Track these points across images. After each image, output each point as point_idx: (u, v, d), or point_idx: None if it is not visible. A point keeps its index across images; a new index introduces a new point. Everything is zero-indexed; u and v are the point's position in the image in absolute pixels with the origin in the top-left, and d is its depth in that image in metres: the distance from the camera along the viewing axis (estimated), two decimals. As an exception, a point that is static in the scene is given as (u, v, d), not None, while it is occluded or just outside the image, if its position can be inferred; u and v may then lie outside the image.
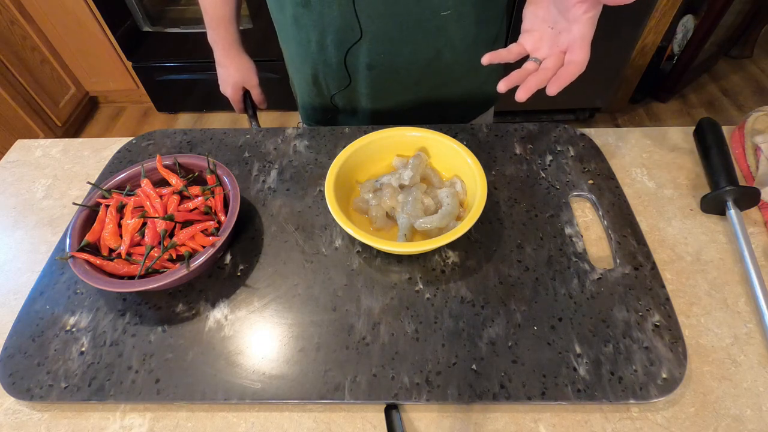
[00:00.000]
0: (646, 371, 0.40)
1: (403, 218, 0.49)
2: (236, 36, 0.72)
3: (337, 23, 0.58)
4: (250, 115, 0.78)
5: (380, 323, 0.44)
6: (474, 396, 0.39)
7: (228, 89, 0.76)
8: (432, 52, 0.61)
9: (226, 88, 0.76)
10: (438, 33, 0.59)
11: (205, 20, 0.70)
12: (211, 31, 0.71)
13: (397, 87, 0.65)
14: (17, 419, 0.41)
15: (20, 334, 0.45)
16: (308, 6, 0.58)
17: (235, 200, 0.48)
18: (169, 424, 0.40)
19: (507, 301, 0.45)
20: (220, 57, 0.73)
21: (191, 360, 0.43)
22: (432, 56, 0.62)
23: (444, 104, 0.69)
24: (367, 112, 0.70)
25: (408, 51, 0.61)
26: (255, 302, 0.47)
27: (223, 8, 0.68)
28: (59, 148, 0.66)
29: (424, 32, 0.59)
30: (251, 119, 0.78)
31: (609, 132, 0.63)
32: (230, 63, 0.73)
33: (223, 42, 0.72)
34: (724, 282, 0.47)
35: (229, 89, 0.76)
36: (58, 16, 1.71)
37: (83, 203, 0.49)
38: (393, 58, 0.61)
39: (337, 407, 0.41)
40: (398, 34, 0.58)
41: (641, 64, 1.71)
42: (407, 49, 0.60)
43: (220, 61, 0.74)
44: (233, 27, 0.71)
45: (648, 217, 0.53)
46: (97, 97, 2.13)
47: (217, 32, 0.71)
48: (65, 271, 0.50)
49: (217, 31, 0.71)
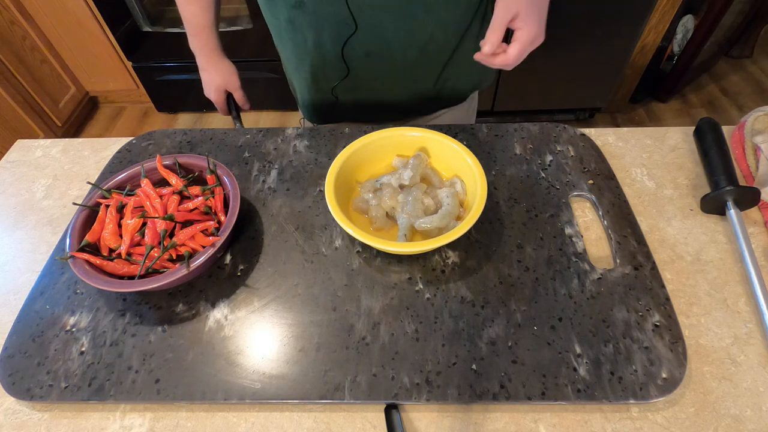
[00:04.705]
0: (646, 371, 0.40)
1: (403, 218, 0.49)
2: (216, 42, 0.74)
3: (333, 20, 0.59)
4: (234, 116, 0.80)
5: (380, 323, 0.44)
6: (474, 396, 0.39)
7: (212, 93, 0.78)
8: (425, 35, 0.62)
9: (210, 92, 0.78)
10: (427, 15, 0.60)
11: (186, 29, 0.73)
12: (193, 38, 0.73)
13: (395, 71, 0.67)
14: (17, 419, 0.41)
15: (20, 334, 0.45)
16: (302, 7, 0.59)
17: (235, 200, 0.48)
18: (169, 424, 0.40)
19: (507, 301, 0.45)
20: (203, 62, 0.75)
21: (191, 360, 0.43)
22: (426, 39, 0.63)
23: (442, 84, 0.70)
24: (368, 100, 0.71)
25: (402, 36, 0.62)
26: (255, 302, 0.47)
27: (203, 17, 0.71)
28: (59, 148, 0.66)
29: (414, 17, 0.60)
30: (235, 120, 0.80)
31: (609, 132, 0.63)
32: (212, 68, 0.76)
33: (205, 48, 0.74)
34: (724, 282, 0.47)
35: (213, 93, 0.78)
36: (58, 16, 1.71)
37: (83, 203, 0.49)
38: (389, 44, 0.63)
39: (337, 407, 0.41)
40: (391, 22, 0.60)
41: (641, 64, 1.71)
42: (401, 34, 0.62)
43: (202, 67, 0.76)
44: (213, 33, 0.73)
45: (648, 217, 0.53)
46: (97, 97, 2.13)
47: (199, 39, 0.73)
48: (65, 271, 0.50)
49: (199, 38, 0.73)
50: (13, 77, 1.66)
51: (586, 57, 1.59)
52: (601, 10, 1.45)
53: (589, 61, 1.61)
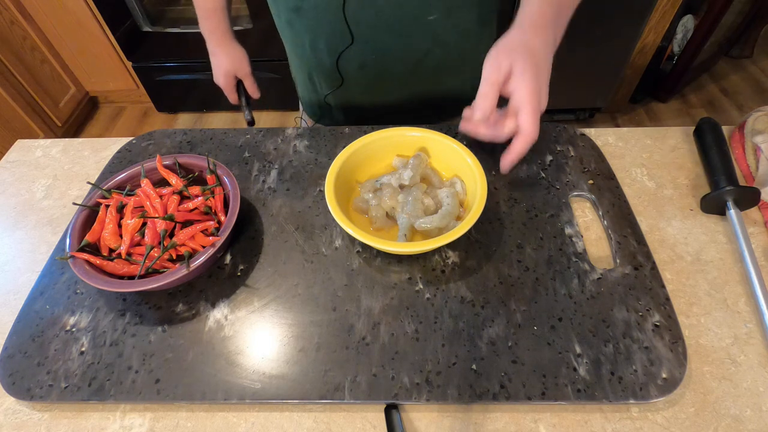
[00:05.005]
0: (646, 371, 0.40)
1: (403, 218, 0.49)
2: (227, 25, 0.72)
3: (329, 29, 0.59)
4: (243, 104, 0.78)
5: (380, 323, 0.44)
6: (474, 396, 0.39)
7: (220, 78, 0.76)
8: (422, 52, 0.62)
9: (219, 77, 0.76)
10: (426, 35, 0.60)
11: (196, 11, 0.71)
12: (203, 21, 0.71)
13: (389, 84, 0.66)
14: (17, 419, 0.41)
15: (20, 334, 0.45)
16: (300, 12, 0.59)
17: (235, 200, 0.48)
18: (169, 424, 0.40)
19: (507, 301, 0.45)
20: (212, 47, 0.73)
21: (191, 360, 0.43)
22: (422, 56, 0.62)
23: (437, 99, 0.70)
24: (361, 108, 0.71)
25: (399, 51, 0.61)
26: (255, 302, 0.47)
27: None
28: (59, 148, 0.66)
29: (413, 35, 0.59)
30: (244, 108, 0.77)
31: (609, 132, 0.63)
32: (222, 52, 0.73)
33: (216, 32, 0.72)
34: (724, 282, 0.47)
35: (221, 78, 0.76)
36: (58, 16, 1.71)
37: (83, 203, 0.49)
38: (384, 58, 0.62)
39: (337, 407, 0.41)
40: (388, 38, 0.59)
41: (641, 64, 1.71)
42: (398, 50, 0.61)
43: (212, 51, 0.74)
44: (224, 17, 0.71)
45: (648, 217, 0.53)
46: (97, 97, 2.13)
47: (210, 22, 0.71)
48: (65, 271, 0.50)
49: (210, 22, 0.71)
50: (13, 77, 1.66)
51: (586, 57, 1.59)
52: (601, 10, 1.45)
53: (589, 61, 1.61)
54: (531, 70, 0.42)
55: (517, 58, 0.42)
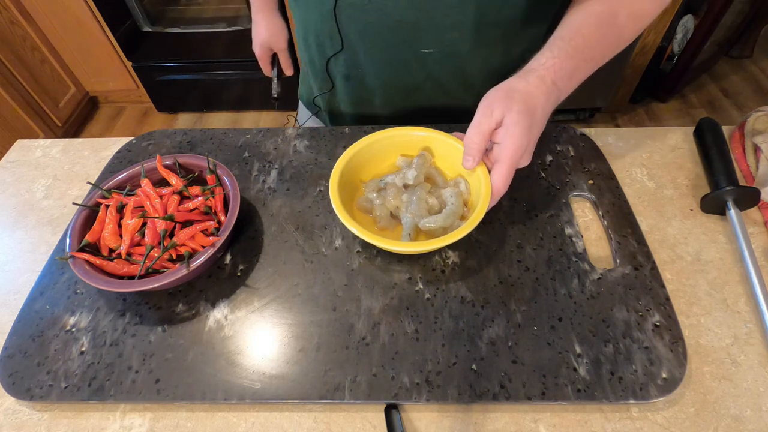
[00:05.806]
0: (646, 371, 0.40)
1: (407, 218, 0.48)
2: None
3: (317, 27, 0.59)
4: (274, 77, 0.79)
5: (380, 323, 0.44)
6: (474, 396, 0.39)
7: (257, 48, 0.77)
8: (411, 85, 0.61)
9: (256, 47, 0.77)
10: (419, 67, 0.59)
11: None
12: None
13: (376, 100, 0.66)
14: (17, 419, 0.41)
15: (20, 334, 0.45)
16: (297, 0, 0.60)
17: (235, 200, 0.48)
18: (169, 424, 0.40)
19: (507, 301, 0.45)
20: (256, 16, 0.74)
21: (191, 360, 0.43)
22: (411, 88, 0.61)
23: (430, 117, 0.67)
24: (348, 116, 0.71)
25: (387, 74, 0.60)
26: (255, 302, 0.47)
27: None
28: (59, 148, 0.66)
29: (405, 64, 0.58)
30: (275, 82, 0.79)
31: (609, 132, 0.63)
32: (263, 22, 0.74)
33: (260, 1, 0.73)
34: (724, 282, 0.47)
35: (258, 48, 0.76)
36: (58, 16, 1.71)
37: (83, 203, 0.49)
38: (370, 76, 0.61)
39: (337, 407, 0.41)
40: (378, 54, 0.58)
41: (641, 64, 1.71)
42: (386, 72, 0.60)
43: (255, 20, 0.75)
44: None
45: (648, 217, 0.53)
46: (97, 97, 2.13)
47: None
48: (65, 271, 0.50)
49: None
50: (13, 77, 1.66)
51: (586, 57, 1.59)
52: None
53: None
54: (523, 124, 0.40)
55: (512, 108, 0.40)
